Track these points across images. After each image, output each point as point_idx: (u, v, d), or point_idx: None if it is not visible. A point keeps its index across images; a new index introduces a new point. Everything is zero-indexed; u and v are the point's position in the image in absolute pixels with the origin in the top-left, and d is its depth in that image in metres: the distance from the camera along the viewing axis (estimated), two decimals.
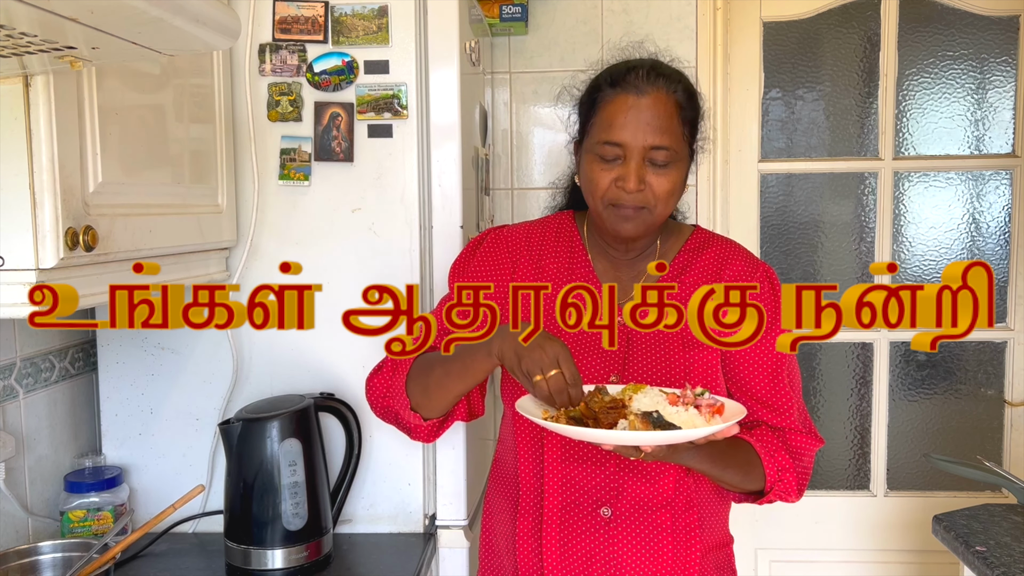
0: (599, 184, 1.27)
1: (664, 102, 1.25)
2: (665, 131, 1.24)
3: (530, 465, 1.33)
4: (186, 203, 1.49)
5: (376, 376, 1.38)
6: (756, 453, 1.28)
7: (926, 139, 2.48)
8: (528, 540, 1.33)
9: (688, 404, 1.13)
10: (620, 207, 1.26)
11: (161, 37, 0.92)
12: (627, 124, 1.24)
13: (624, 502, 1.28)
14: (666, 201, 1.27)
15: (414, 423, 1.33)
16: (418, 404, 1.32)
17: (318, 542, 1.58)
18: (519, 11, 2.34)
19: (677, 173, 1.28)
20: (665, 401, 1.13)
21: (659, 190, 1.25)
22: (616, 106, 1.26)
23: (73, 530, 1.60)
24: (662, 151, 1.24)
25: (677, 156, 1.27)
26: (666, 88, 1.26)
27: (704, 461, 1.21)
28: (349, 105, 1.65)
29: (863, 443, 2.56)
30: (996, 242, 2.49)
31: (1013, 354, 2.50)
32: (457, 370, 1.26)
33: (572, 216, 1.44)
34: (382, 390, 1.37)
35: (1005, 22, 2.43)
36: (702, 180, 2.41)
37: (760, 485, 1.30)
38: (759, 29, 2.46)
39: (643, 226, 1.28)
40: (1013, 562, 1.61)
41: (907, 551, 2.52)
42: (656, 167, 1.25)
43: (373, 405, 1.40)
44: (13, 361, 1.57)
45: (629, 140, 1.24)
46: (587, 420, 1.13)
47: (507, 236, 1.42)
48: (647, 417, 1.09)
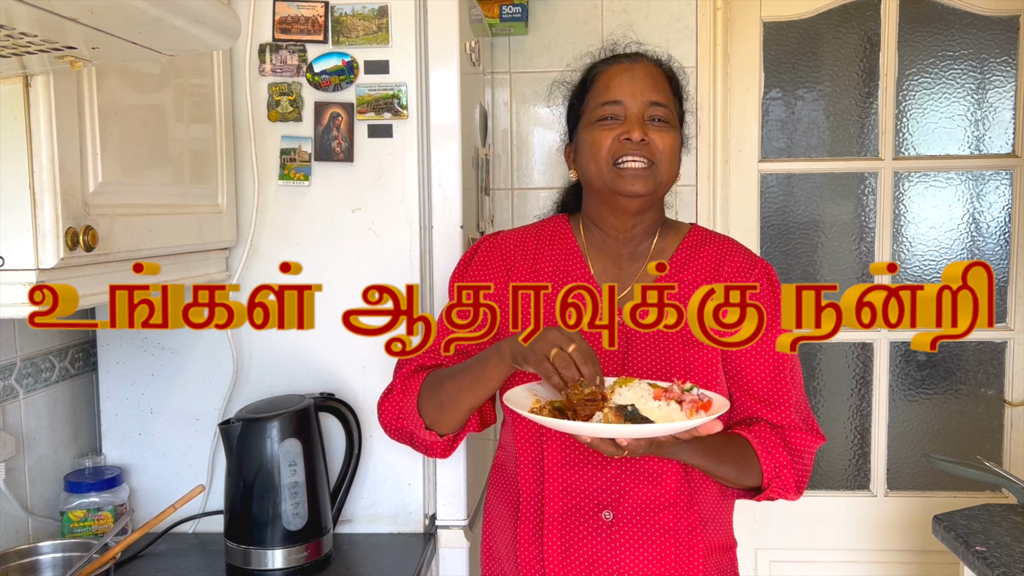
0: (602, 144, 1.30)
1: (654, 69, 1.35)
2: (660, 91, 1.32)
3: (530, 471, 1.33)
4: (186, 203, 1.49)
5: (387, 400, 1.38)
6: (752, 450, 1.27)
7: (926, 139, 2.48)
8: (529, 546, 1.32)
9: (672, 399, 1.12)
10: (626, 167, 1.28)
11: (161, 37, 0.92)
12: (624, 84, 1.31)
13: (626, 505, 1.28)
14: (669, 159, 1.31)
15: (430, 440, 1.34)
16: (432, 421, 1.32)
17: (318, 542, 1.58)
18: (519, 11, 2.34)
19: (675, 136, 1.33)
20: (649, 395, 1.12)
21: (661, 145, 1.29)
22: (612, 72, 1.34)
23: (73, 530, 1.60)
24: (660, 108, 1.30)
25: (672, 119, 1.33)
26: (654, 61, 1.37)
27: (695, 456, 1.20)
28: (349, 105, 1.65)
29: (863, 443, 2.56)
30: (996, 242, 2.49)
31: (1013, 354, 2.50)
32: (470, 382, 1.26)
33: (566, 219, 1.44)
34: (394, 412, 1.37)
35: (1005, 22, 2.43)
36: (702, 180, 2.41)
37: (758, 481, 1.29)
38: (759, 29, 2.46)
39: (652, 183, 1.29)
40: (1013, 562, 1.61)
41: (907, 551, 2.52)
42: (656, 124, 1.30)
43: (387, 428, 1.40)
44: (13, 361, 1.57)
45: (627, 97, 1.30)
46: (568, 412, 1.12)
47: (501, 243, 1.42)
48: (621, 410, 1.08)
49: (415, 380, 1.34)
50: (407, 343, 1.33)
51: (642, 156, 1.28)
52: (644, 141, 1.28)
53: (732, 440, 1.28)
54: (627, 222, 1.35)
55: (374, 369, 1.70)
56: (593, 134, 1.31)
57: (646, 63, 1.34)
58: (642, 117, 1.29)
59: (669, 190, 1.36)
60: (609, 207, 1.34)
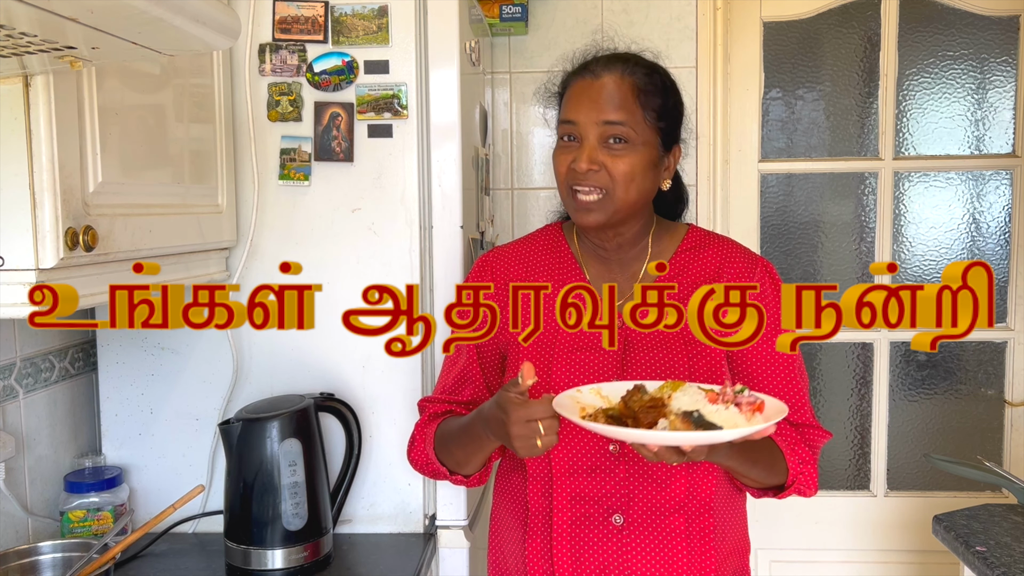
0: (559, 168, 1.29)
1: (618, 83, 1.26)
2: (619, 108, 1.25)
3: (539, 481, 1.31)
4: (186, 203, 1.49)
5: (412, 451, 1.42)
6: (778, 448, 1.27)
7: (926, 139, 2.48)
8: (539, 556, 1.31)
9: (728, 402, 1.09)
10: (579, 197, 1.26)
11: (161, 37, 0.92)
12: (580, 103, 1.27)
13: (636, 508, 1.27)
14: (625, 185, 1.25)
15: (460, 481, 1.36)
16: (454, 470, 1.35)
17: (318, 542, 1.58)
18: (519, 11, 2.34)
19: (636, 156, 1.26)
20: (704, 399, 1.09)
21: (615, 171, 1.24)
22: (574, 88, 1.30)
23: (73, 530, 1.60)
24: (616, 126, 1.24)
25: (635, 137, 1.25)
26: (622, 70, 1.28)
27: (734, 458, 1.19)
28: (349, 105, 1.65)
29: (863, 443, 2.56)
30: (996, 242, 2.49)
31: (1013, 354, 2.50)
32: (473, 449, 1.29)
33: (560, 226, 1.44)
34: (422, 462, 1.40)
35: (1005, 22, 2.43)
36: (702, 180, 2.41)
37: (782, 480, 1.29)
38: (759, 29, 2.46)
39: (604, 214, 1.26)
40: (1013, 562, 1.61)
41: (907, 551, 2.52)
42: (612, 147, 1.25)
43: (423, 473, 1.43)
44: (13, 361, 1.57)
45: (581, 118, 1.26)
46: (626, 420, 1.08)
47: (493, 259, 1.42)
48: (688, 417, 1.05)
49: (430, 430, 1.37)
50: (407, 343, 1.33)
51: (592, 186, 1.25)
52: (593, 170, 1.24)
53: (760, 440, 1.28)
54: (605, 237, 1.33)
55: (374, 369, 1.70)
56: (555, 154, 1.30)
57: (612, 76, 1.27)
58: (598, 139, 1.25)
59: (644, 204, 1.31)
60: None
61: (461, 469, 1.33)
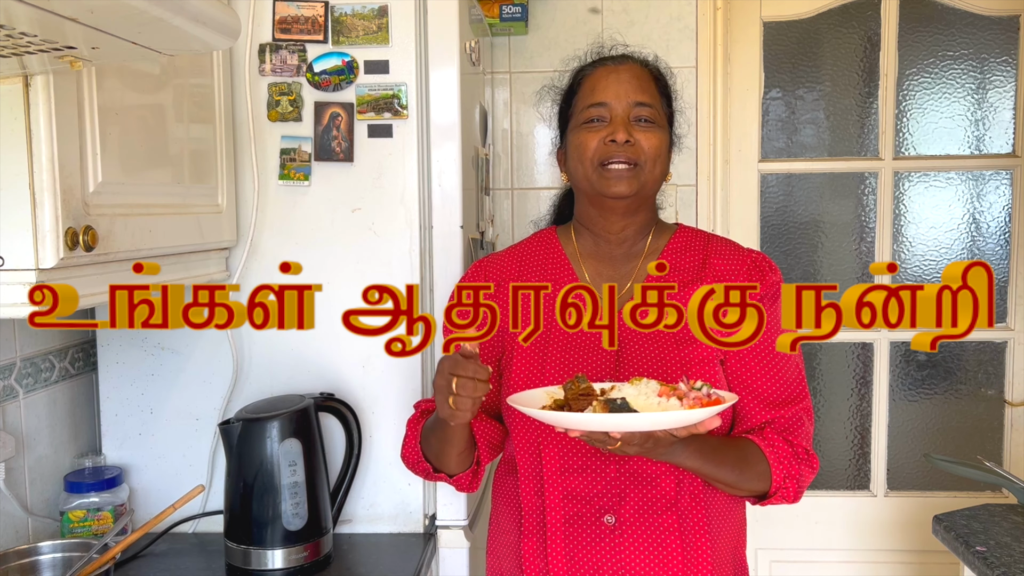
0: (588, 146, 1.32)
1: (640, 70, 1.36)
2: (646, 91, 1.34)
3: (531, 481, 1.32)
4: (186, 203, 1.49)
5: (404, 449, 1.44)
6: (758, 452, 1.26)
7: (926, 139, 2.48)
8: (534, 556, 1.31)
9: (682, 397, 1.10)
10: (611, 167, 1.30)
11: (161, 37, 0.92)
12: (609, 85, 1.34)
13: (627, 508, 1.27)
14: (655, 160, 1.32)
15: (445, 479, 1.40)
16: (438, 468, 1.38)
17: (318, 542, 1.58)
18: (519, 11, 2.34)
19: (663, 135, 1.34)
20: (654, 393, 1.11)
21: (647, 146, 1.31)
22: (597, 75, 1.36)
23: (73, 530, 1.60)
24: (646, 108, 1.32)
25: (659, 119, 1.34)
26: (639, 62, 1.38)
27: (692, 457, 1.19)
28: (349, 105, 1.65)
29: (863, 443, 2.56)
30: (996, 242, 2.49)
31: (1013, 354, 2.50)
32: (441, 436, 1.32)
33: (554, 231, 1.46)
34: (413, 460, 1.42)
35: (1005, 22, 2.43)
36: (702, 180, 2.41)
37: (760, 487, 1.28)
38: (759, 29, 2.46)
39: (636, 183, 1.31)
40: (1013, 562, 1.61)
41: (907, 551, 2.52)
42: (642, 125, 1.32)
43: (412, 470, 1.45)
44: (13, 361, 1.57)
45: (612, 98, 1.32)
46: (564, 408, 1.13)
47: (486, 266, 1.44)
48: (609, 403, 1.08)
49: (419, 426, 1.41)
50: (407, 343, 1.33)
51: (627, 157, 1.30)
52: (629, 142, 1.30)
53: (731, 443, 1.27)
54: (617, 223, 1.36)
55: (374, 369, 1.70)
56: (580, 136, 1.33)
57: (631, 64, 1.36)
58: (627, 118, 1.31)
59: (658, 190, 1.38)
60: (598, 209, 1.36)
61: (440, 463, 1.36)
